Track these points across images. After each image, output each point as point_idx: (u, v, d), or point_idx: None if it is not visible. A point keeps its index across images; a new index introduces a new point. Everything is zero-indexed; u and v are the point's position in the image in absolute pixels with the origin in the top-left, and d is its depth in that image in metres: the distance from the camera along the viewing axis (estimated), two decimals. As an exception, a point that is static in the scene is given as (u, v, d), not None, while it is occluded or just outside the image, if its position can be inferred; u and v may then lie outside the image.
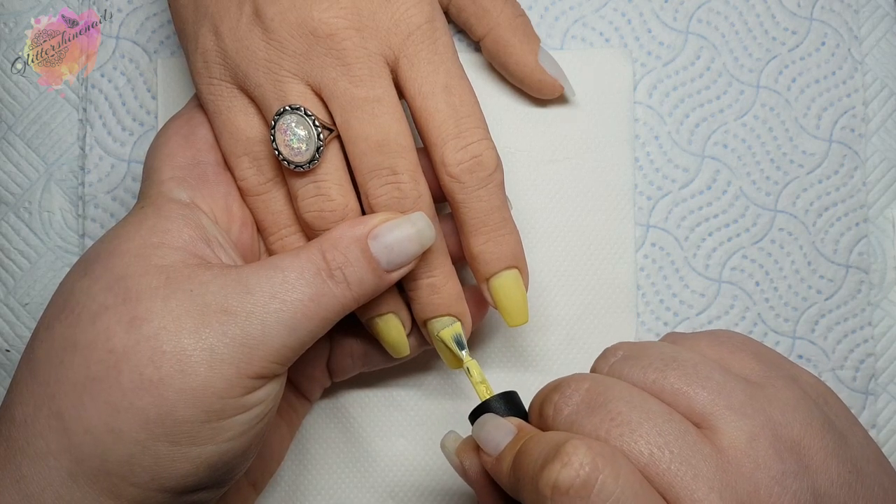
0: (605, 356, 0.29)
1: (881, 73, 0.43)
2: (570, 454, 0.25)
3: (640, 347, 0.29)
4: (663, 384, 0.27)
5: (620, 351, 0.29)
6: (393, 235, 0.32)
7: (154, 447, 0.29)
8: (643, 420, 0.26)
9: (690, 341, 0.29)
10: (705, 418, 0.26)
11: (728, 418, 0.26)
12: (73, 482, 0.29)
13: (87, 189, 0.42)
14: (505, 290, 0.35)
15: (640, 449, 0.25)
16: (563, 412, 0.27)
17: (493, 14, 0.39)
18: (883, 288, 0.42)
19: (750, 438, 0.25)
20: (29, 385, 0.30)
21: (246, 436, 0.31)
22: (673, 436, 0.25)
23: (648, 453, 0.25)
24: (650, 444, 0.25)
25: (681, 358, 0.28)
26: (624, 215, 0.42)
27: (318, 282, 0.31)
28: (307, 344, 0.31)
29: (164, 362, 0.29)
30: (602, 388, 0.27)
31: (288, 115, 0.32)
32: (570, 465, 0.24)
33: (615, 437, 0.26)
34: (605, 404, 0.26)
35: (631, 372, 0.28)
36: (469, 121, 0.33)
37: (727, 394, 0.26)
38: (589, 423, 0.26)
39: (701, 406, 0.26)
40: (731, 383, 0.27)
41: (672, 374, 0.27)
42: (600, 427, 0.26)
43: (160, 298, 0.30)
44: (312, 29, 0.32)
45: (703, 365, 0.27)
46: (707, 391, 0.26)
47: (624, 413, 0.26)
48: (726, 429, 0.26)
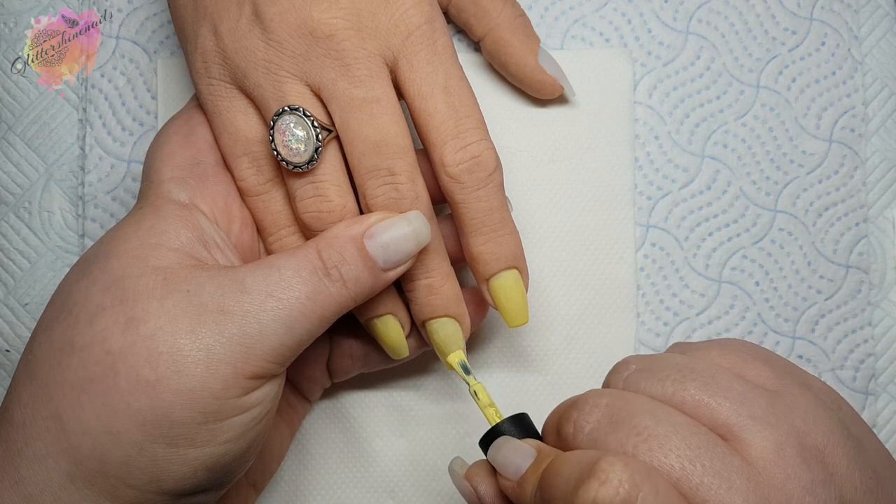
0: (618, 370, 0.28)
1: (881, 73, 0.43)
2: (606, 471, 0.24)
3: (653, 360, 0.28)
4: (683, 396, 0.26)
5: (633, 364, 0.28)
6: (389, 234, 0.32)
7: (151, 449, 0.29)
8: (670, 433, 0.25)
9: (701, 351, 0.28)
10: (730, 429, 0.25)
11: (753, 428, 0.25)
12: (72, 484, 0.29)
13: (87, 189, 0.42)
14: (505, 291, 0.34)
15: (671, 463, 0.25)
16: (585, 429, 0.26)
17: (493, 14, 0.39)
18: (883, 288, 0.42)
19: (777, 448, 0.25)
20: (27, 386, 0.30)
21: (244, 437, 0.31)
22: (703, 448, 0.25)
23: (680, 467, 0.24)
24: (681, 457, 0.25)
25: (697, 368, 0.27)
26: (624, 215, 0.42)
27: (315, 280, 0.31)
28: (305, 343, 0.31)
29: (161, 363, 0.29)
30: (622, 402, 0.26)
31: (287, 116, 0.32)
32: (609, 482, 0.24)
33: (644, 452, 0.25)
34: (628, 419, 0.26)
35: (648, 385, 0.27)
36: (468, 121, 0.33)
37: (749, 403, 0.26)
38: (614, 440, 0.26)
39: (725, 417, 0.25)
40: (752, 392, 0.26)
41: (691, 385, 0.26)
42: (627, 443, 0.25)
43: (157, 299, 0.29)
44: (312, 29, 0.32)
45: (721, 374, 0.27)
46: (729, 401, 0.26)
47: (650, 427, 0.25)
48: (753, 439, 0.25)
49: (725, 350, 0.28)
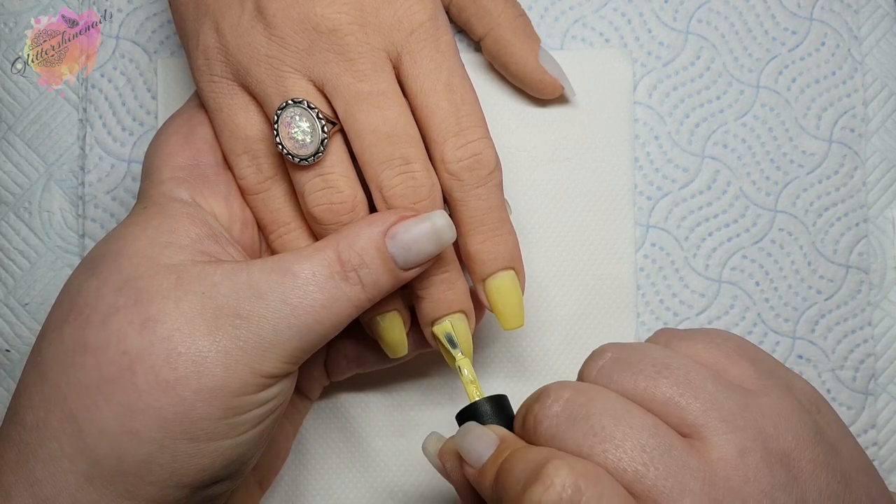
0: (593, 358, 0.28)
1: (881, 73, 0.43)
2: (551, 476, 0.24)
3: (630, 350, 0.28)
4: (654, 393, 0.26)
5: (609, 353, 0.28)
6: (411, 234, 0.31)
7: (172, 445, 0.29)
8: (627, 435, 0.25)
9: (686, 342, 0.28)
10: (697, 430, 0.25)
11: (720, 430, 0.25)
12: (90, 484, 0.29)
13: (87, 189, 0.42)
14: (501, 292, 0.34)
15: (624, 467, 0.25)
16: (543, 424, 0.27)
17: (494, 14, 0.39)
18: (883, 288, 0.42)
19: (740, 452, 0.25)
20: (38, 388, 0.30)
21: (260, 427, 0.31)
22: (658, 451, 0.25)
23: (633, 471, 0.25)
24: (634, 461, 0.25)
25: (673, 365, 0.27)
26: (624, 215, 0.42)
27: (331, 286, 0.31)
28: (319, 345, 0.31)
29: (180, 364, 0.29)
30: (584, 398, 0.26)
31: (291, 109, 0.32)
32: (553, 487, 0.24)
33: (598, 453, 0.25)
34: (587, 417, 0.26)
35: (620, 379, 0.27)
36: (470, 119, 0.33)
37: (719, 405, 0.26)
38: (571, 438, 0.26)
39: (693, 417, 0.26)
40: (724, 393, 0.26)
41: (664, 382, 0.26)
42: (583, 442, 0.25)
43: (172, 300, 0.29)
44: (315, 25, 0.32)
45: (696, 373, 0.27)
46: (700, 402, 0.26)
47: (608, 427, 0.25)
48: (717, 441, 0.25)
49: (711, 344, 0.28)
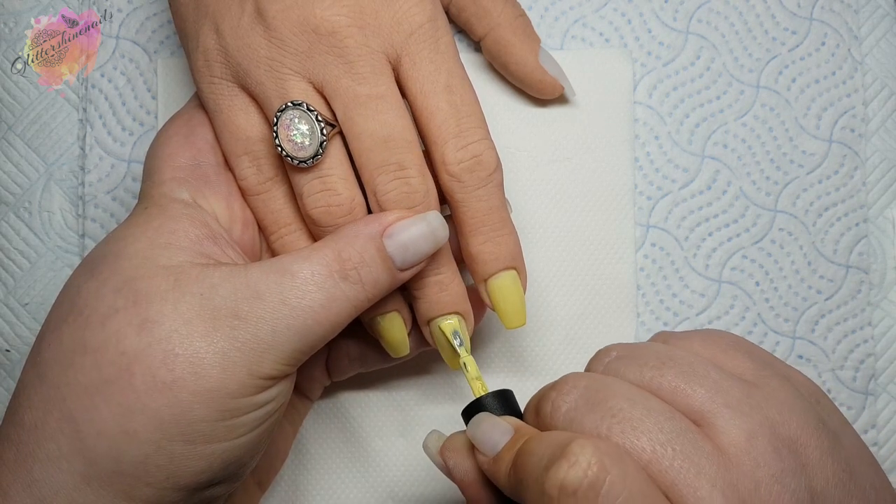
0: (599, 357, 0.29)
1: (881, 73, 0.43)
2: (576, 454, 0.24)
3: (634, 348, 0.29)
4: (661, 382, 0.27)
5: (614, 352, 0.29)
6: (408, 233, 0.32)
7: (169, 447, 0.29)
8: (644, 417, 0.25)
9: (683, 341, 0.29)
10: (704, 416, 0.26)
11: (727, 416, 0.26)
12: (87, 485, 0.29)
13: (87, 189, 0.42)
14: (503, 292, 0.34)
15: (642, 446, 0.25)
16: (562, 409, 0.27)
17: (494, 14, 0.39)
18: (883, 288, 0.42)
19: (749, 436, 0.25)
20: (37, 388, 0.30)
21: (259, 429, 0.31)
22: (675, 433, 0.25)
23: (651, 450, 0.25)
24: (653, 440, 0.25)
25: (676, 356, 0.27)
26: (624, 215, 0.42)
27: (330, 285, 0.31)
28: (317, 347, 0.31)
29: (177, 365, 0.29)
30: (600, 385, 0.27)
31: (290, 111, 0.32)
32: (578, 464, 0.24)
33: (617, 433, 0.25)
34: (604, 401, 0.26)
35: (627, 371, 0.28)
36: (470, 120, 0.33)
37: (725, 392, 0.26)
38: (589, 421, 0.26)
39: (699, 404, 0.26)
40: (728, 381, 0.26)
41: (669, 372, 0.27)
42: (601, 424, 0.26)
43: (170, 302, 0.29)
44: (314, 27, 0.32)
45: (699, 363, 0.27)
46: (705, 389, 0.26)
47: (625, 409, 0.26)
48: (725, 426, 0.25)
49: (707, 341, 0.29)
